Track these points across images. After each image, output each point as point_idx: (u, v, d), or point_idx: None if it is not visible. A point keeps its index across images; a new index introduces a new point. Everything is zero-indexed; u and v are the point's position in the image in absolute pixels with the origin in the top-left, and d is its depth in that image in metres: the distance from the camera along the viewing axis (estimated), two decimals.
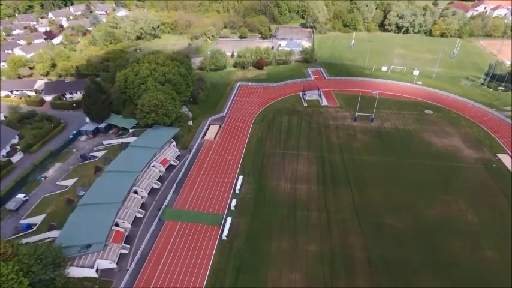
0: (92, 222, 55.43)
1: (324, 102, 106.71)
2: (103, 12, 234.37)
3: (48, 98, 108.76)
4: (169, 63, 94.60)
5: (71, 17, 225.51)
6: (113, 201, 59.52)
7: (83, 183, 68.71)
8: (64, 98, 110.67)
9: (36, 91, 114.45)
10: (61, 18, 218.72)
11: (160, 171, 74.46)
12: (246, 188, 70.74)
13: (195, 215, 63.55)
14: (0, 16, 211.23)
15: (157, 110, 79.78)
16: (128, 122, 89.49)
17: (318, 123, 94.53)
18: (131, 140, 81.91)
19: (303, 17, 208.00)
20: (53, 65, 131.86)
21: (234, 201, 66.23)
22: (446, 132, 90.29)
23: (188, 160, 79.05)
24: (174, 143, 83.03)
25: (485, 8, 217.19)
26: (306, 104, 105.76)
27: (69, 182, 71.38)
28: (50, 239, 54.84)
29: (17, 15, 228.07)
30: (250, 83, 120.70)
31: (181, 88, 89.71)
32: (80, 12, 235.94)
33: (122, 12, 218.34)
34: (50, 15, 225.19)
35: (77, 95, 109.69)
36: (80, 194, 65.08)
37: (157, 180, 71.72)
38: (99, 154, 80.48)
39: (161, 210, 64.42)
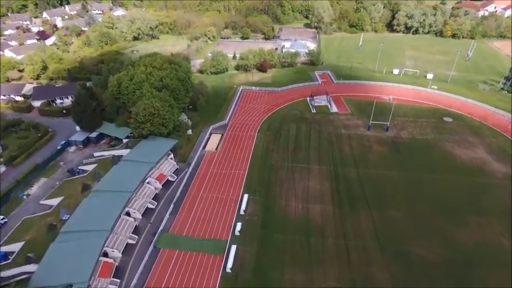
0: (75, 255, 47.62)
1: (334, 109, 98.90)
2: (99, 12, 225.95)
3: (36, 104, 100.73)
4: (167, 66, 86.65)
5: (66, 17, 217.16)
6: (100, 229, 51.71)
7: (68, 205, 60.87)
8: (54, 104, 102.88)
9: (24, 96, 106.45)
10: (56, 18, 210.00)
11: (156, 188, 66.72)
12: (252, 208, 63.03)
13: (195, 242, 55.85)
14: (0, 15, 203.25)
15: (153, 119, 72.11)
16: (122, 131, 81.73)
17: (329, 133, 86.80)
18: (124, 152, 74.12)
19: (307, 17, 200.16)
20: (44, 68, 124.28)
21: (238, 225, 58.51)
22: (470, 143, 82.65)
23: (187, 175, 71.43)
24: (172, 155, 75.30)
25: (495, 7, 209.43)
26: (315, 111, 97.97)
27: (54, 201, 63.64)
28: (25, 275, 47.22)
29: (9, 14, 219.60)
30: (253, 88, 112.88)
31: (179, 94, 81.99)
32: (75, 12, 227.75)
33: (119, 12, 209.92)
34: (45, 14, 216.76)
35: (68, 101, 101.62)
36: (63, 218, 57.29)
37: (152, 199, 63.99)
38: (89, 168, 72.85)
39: (156, 235, 56.77)
